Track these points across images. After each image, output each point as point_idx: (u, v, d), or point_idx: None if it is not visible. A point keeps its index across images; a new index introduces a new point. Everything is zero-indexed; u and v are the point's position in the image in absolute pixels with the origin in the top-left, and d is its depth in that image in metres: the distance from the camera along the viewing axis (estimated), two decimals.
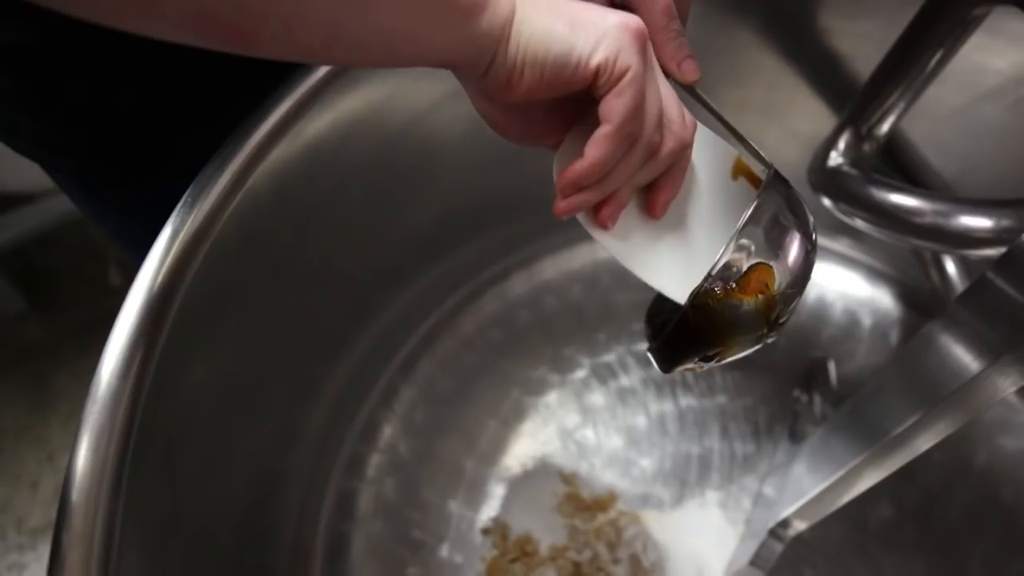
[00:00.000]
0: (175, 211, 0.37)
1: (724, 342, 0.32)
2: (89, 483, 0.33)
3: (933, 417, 0.35)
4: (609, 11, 0.28)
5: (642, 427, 0.62)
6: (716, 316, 0.31)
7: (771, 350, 0.66)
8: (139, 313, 0.35)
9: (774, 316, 0.32)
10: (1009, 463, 0.62)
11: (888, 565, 0.57)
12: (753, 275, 0.31)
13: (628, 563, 0.54)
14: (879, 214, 0.45)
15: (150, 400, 0.35)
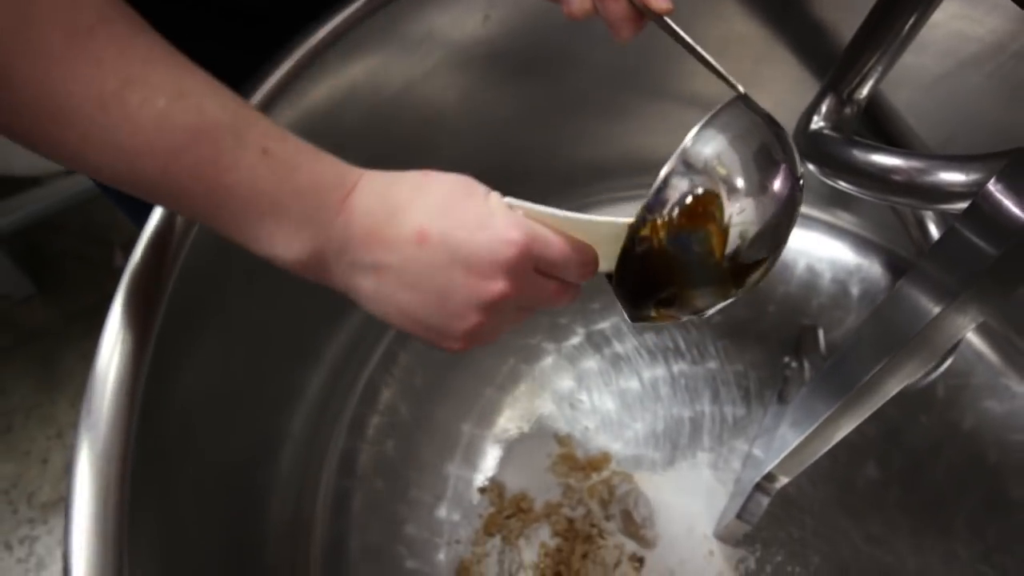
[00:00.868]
0: None
1: (675, 281, 0.30)
2: (97, 454, 0.33)
3: (899, 360, 0.37)
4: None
5: (635, 392, 0.64)
6: (660, 250, 0.29)
7: (761, 318, 0.69)
8: (137, 283, 0.37)
9: (732, 255, 0.29)
10: (995, 425, 0.64)
11: (874, 524, 0.59)
12: (699, 204, 0.29)
13: (620, 519, 0.56)
14: (859, 174, 0.46)
15: (152, 371, 0.36)
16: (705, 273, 0.30)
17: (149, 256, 0.37)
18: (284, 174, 0.28)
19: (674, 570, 0.55)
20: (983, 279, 0.31)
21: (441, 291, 0.29)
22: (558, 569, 0.53)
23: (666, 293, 0.31)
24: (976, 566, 0.57)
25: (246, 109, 0.28)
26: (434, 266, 0.28)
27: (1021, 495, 0.60)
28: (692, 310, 0.33)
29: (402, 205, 0.29)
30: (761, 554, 0.57)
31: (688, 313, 0.33)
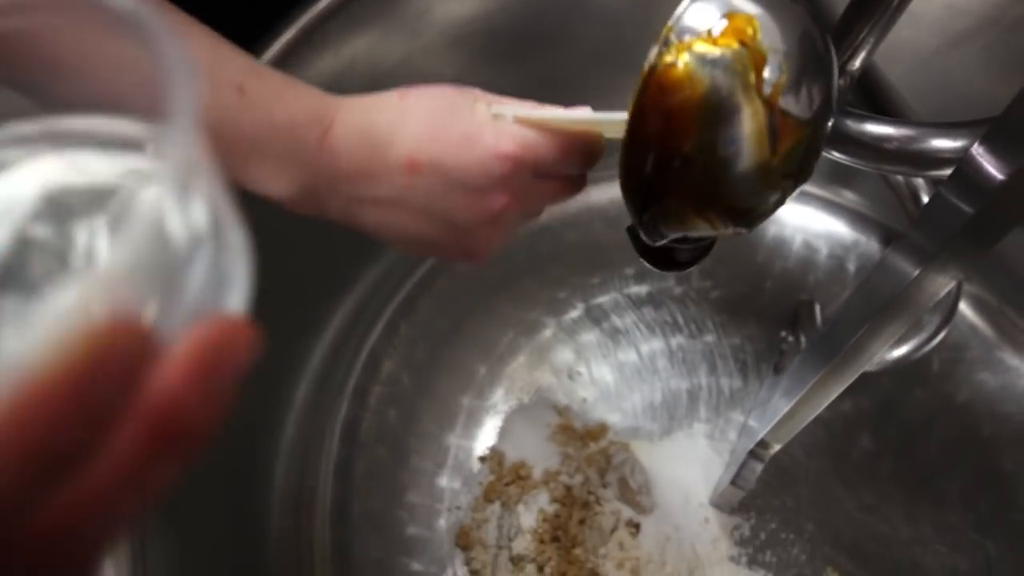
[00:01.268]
0: None
1: (697, 119, 0.25)
2: None
3: (882, 322, 0.38)
4: None
5: (634, 365, 0.65)
6: (679, 79, 0.24)
7: (759, 294, 0.69)
8: None
9: (771, 94, 0.25)
10: (989, 398, 0.64)
11: (868, 494, 0.60)
12: (731, 25, 0.25)
13: (617, 486, 0.57)
14: (852, 143, 0.47)
15: None
16: (733, 109, 0.25)
17: None
18: (260, 113, 0.28)
19: (670, 536, 0.56)
20: (959, 238, 0.32)
21: (445, 215, 0.29)
22: (556, 534, 0.54)
23: (686, 146, 0.25)
24: (968, 534, 0.58)
25: (223, 46, 0.28)
26: (432, 193, 0.28)
27: (1014, 467, 0.61)
28: (720, 200, 0.27)
29: (384, 137, 0.28)
30: (756, 521, 0.58)
31: (715, 214, 0.28)
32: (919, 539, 0.58)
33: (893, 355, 0.59)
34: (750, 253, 0.71)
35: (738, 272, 0.70)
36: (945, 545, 0.58)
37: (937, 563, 0.57)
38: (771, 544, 0.57)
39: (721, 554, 0.56)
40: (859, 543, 0.57)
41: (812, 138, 0.27)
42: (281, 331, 0.54)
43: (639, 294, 0.68)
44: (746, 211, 0.29)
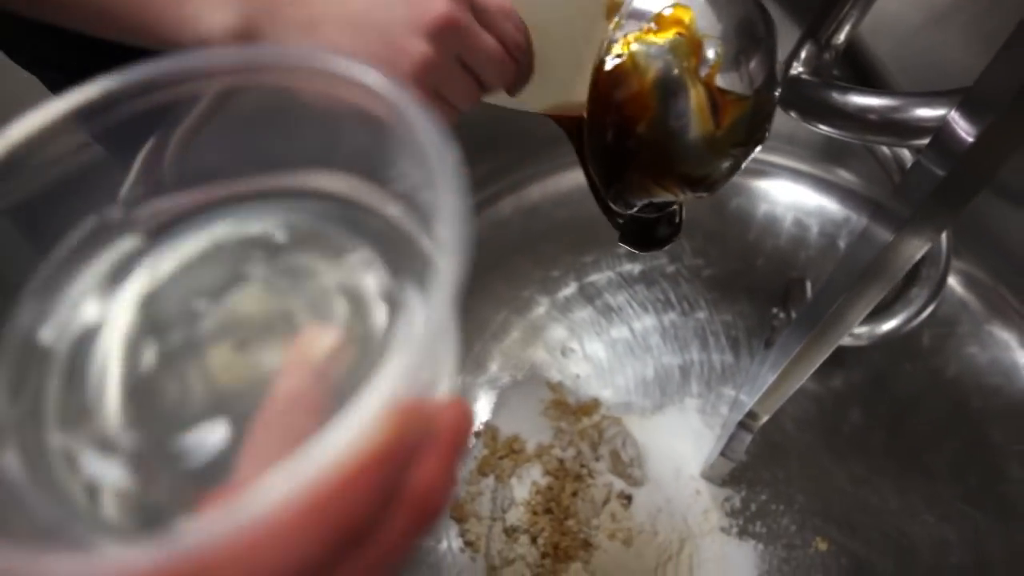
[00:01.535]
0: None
1: (646, 103, 0.28)
2: None
3: (860, 288, 0.38)
4: None
5: (626, 341, 0.66)
6: (627, 68, 0.28)
7: (751, 272, 0.70)
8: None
9: (707, 75, 0.28)
10: (978, 372, 0.65)
11: (858, 466, 0.60)
12: (669, 16, 0.28)
13: (608, 459, 0.58)
14: (836, 115, 0.47)
15: None
16: (679, 99, 0.28)
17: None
18: None
19: (661, 508, 0.57)
20: (931, 201, 0.32)
21: (382, 27, 0.27)
22: (548, 506, 0.55)
23: (641, 131, 0.29)
24: (957, 506, 0.59)
25: None
26: (371, 3, 0.28)
27: (1002, 439, 0.62)
28: (674, 170, 0.30)
29: None
30: (746, 493, 0.59)
31: (673, 182, 0.31)
32: (908, 510, 0.59)
33: (882, 329, 0.60)
34: (742, 231, 0.72)
35: (730, 250, 0.71)
36: (934, 516, 0.58)
37: (925, 533, 0.58)
38: (761, 515, 0.58)
39: (712, 525, 0.57)
40: (848, 514, 0.58)
41: (756, 111, 0.30)
42: None
43: (632, 272, 0.69)
44: (702, 178, 0.31)
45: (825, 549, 0.57)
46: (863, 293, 0.38)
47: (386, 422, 0.14)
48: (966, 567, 0.56)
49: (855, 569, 0.56)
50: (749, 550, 0.56)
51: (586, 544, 0.54)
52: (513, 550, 0.54)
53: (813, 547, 0.57)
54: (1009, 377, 0.64)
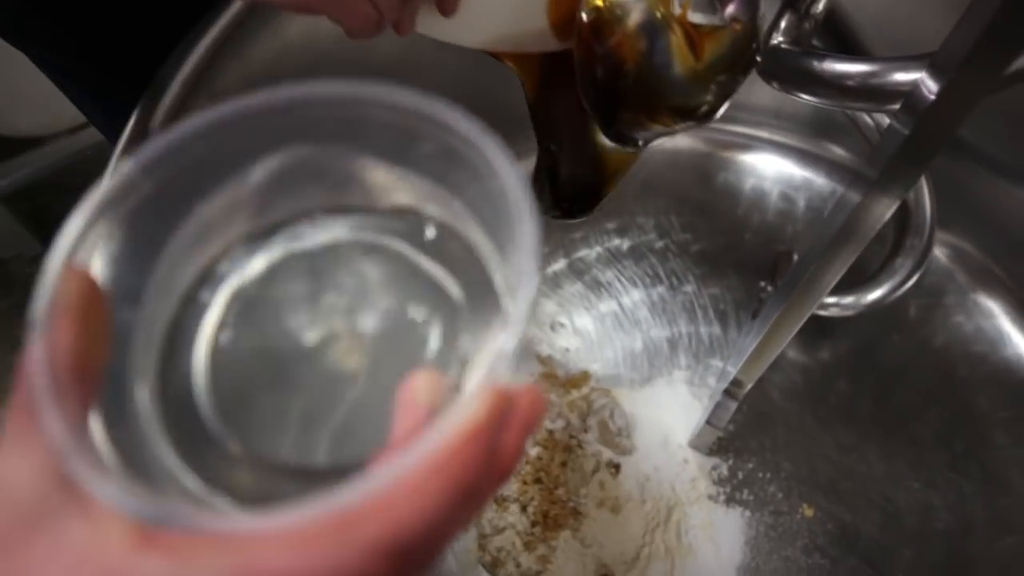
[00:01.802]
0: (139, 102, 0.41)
1: (628, 49, 0.29)
2: None
3: (832, 251, 0.39)
4: None
5: (615, 315, 0.66)
6: (606, 19, 0.29)
7: (738, 247, 0.71)
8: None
9: (680, 14, 0.29)
10: (965, 341, 0.66)
11: (845, 435, 0.61)
12: None
13: (597, 429, 0.59)
14: (815, 83, 0.48)
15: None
16: (656, 39, 0.29)
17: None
18: None
19: (649, 476, 0.58)
20: (896, 159, 0.33)
21: None
22: (538, 476, 0.56)
23: (627, 71, 0.30)
24: (943, 472, 0.60)
25: None
26: None
27: (988, 406, 0.63)
28: (664, 105, 0.31)
29: None
30: (734, 462, 0.59)
31: (666, 115, 0.32)
32: (894, 477, 0.59)
33: (868, 299, 0.60)
34: (730, 206, 0.72)
35: (718, 225, 0.71)
36: (919, 482, 0.59)
37: (911, 499, 0.59)
38: (748, 483, 0.59)
39: (699, 493, 0.57)
40: (834, 481, 0.59)
41: (734, 40, 0.30)
42: None
43: (620, 248, 0.70)
44: (693, 108, 0.32)
45: (811, 515, 0.57)
46: (836, 256, 0.39)
47: (488, 400, 0.17)
48: (950, 531, 0.57)
49: (840, 534, 0.57)
50: (736, 517, 0.57)
51: (575, 512, 0.55)
52: (503, 519, 0.55)
53: (799, 513, 0.57)
54: (995, 346, 0.65)
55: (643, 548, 0.55)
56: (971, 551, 0.56)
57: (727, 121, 0.74)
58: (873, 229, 0.37)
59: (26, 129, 1.07)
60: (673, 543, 0.55)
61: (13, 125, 1.06)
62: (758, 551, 0.56)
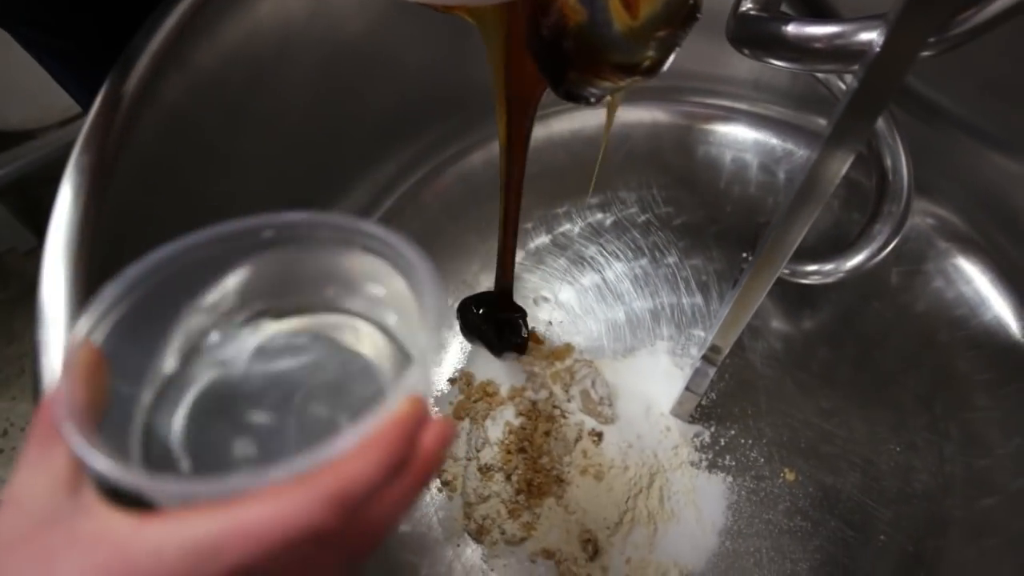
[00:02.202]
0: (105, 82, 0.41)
1: (568, 12, 0.30)
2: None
3: (794, 208, 0.40)
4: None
5: (598, 288, 0.67)
6: None
7: (720, 219, 0.71)
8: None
9: None
10: (946, 306, 0.66)
11: (825, 400, 0.62)
12: None
13: (579, 398, 0.59)
14: (783, 47, 0.48)
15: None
16: (592, 2, 0.30)
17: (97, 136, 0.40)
18: None
19: (632, 444, 0.58)
20: (847, 113, 0.34)
21: None
22: (522, 445, 0.57)
23: (569, 32, 0.31)
24: (923, 435, 0.60)
25: None
26: None
27: (968, 368, 0.63)
28: (608, 62, 0.33)
29: None
30: (716, 429, 0.60)
31: (611, 73, 0.33)
32: (875, 440, 0.60)
33: (847, 265, 0.61)
34: (712, 179, 0.73)
35: (700, 198, 0.72)
36: (900, 445, 0.60)
37: (891, 462, 0.59)
38: (730, 449, 0.59)
39: (681, 459, 0.58)
40: (815, 446, 0.60)
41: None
42: None
43: (603, 222, 0.70)
44: (636, 64, 0.33)
45: (793, 479, 0.58)
46: (798, 213, 0.40)
47: (405, 402, 0.23)
48: (930, 492, 0.58)
49: (822, 497, 0.58)
50: (718, 482, 0.58)
51: (559, 480, 0.56)
52: (488, 487, 0.56)
53: (781, 478, 0.58)
54: (975, 310, 0.66)
55: (626, 513, 0.55)
56: (950, 512, 0.57)
57: (707, 94, 0.74)
58: (831, 184, 0.37)
59: (17, 123, 1.08)
60: (655, 508, 0.56)
61: (4, 119, 1.07)
62: (740, 515, 0.57)
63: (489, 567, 0.54)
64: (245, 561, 0.19)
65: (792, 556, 0.55)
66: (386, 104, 0.63)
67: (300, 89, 0.54)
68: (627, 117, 0.74)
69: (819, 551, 0.56)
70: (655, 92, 0.74)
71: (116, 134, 0.40)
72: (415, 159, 0.69)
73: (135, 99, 0.40)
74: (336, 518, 0.21)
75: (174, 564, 0.19)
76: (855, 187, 0.71)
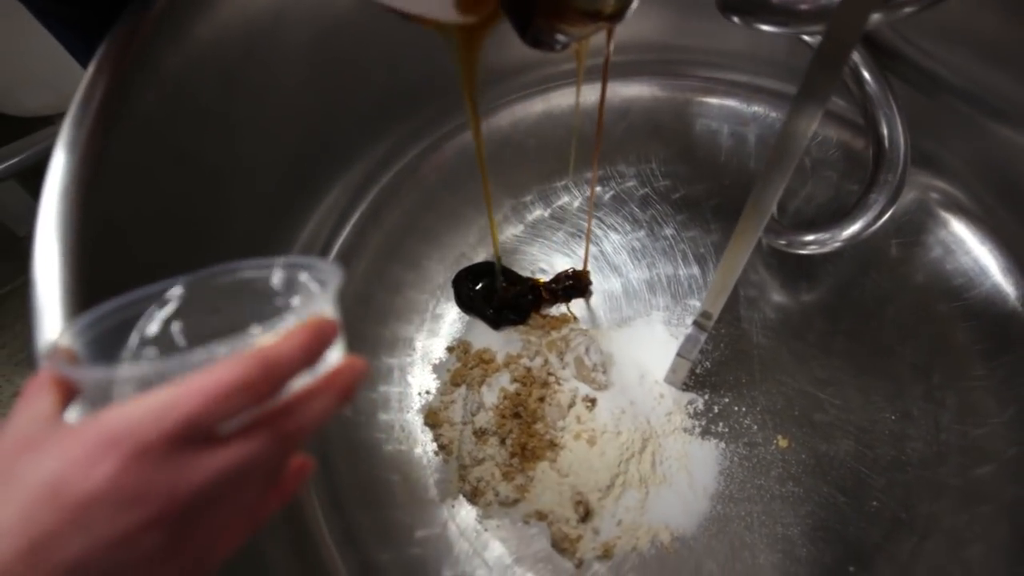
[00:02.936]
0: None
1: None
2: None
3: (768, 169, 0.40)
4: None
5: (595, 259, 0.68)
6: None
7: (718, 192, 0.71)
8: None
9: None
10: (944, 277, 0.66)
11: (820, 370, 0.62)
12: None
13: (574, 365, 0.60)
14: (770, 12, 0.49)
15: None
16: None
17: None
18: None
19: (625, 409, 0.59)
20: (812, 70, 0.34)
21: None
22: (516, 410, 0.58)
23: None
24: (919, 403, 0.60)
25: None
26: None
27: (966, 338, 0.63)
28: (570, 10, 0.34)
29: None
30: (709, 397, 0.61)
31: (575, 20, 0.34)
32: (870, 409, 0.60)
33: (844, 234, 0.61)
34: (711, 152, 0.73)
35: (698, 172, 0.72)
36: (896, 414, 0.60)
37: (886, 431, 0.59)
38: (723, 416, 0.60)
39: (675, 425, 0.59)
40: (808, 414, 0.60)
41: None
42: (243, 231, 0.58)
43: (601, 196, 0.71)
44: (599, 11, 0.33)
45: (786, 446, 0.59)
46: (771, 173, 0.40)
47: (308, 319, 0.26)
48: (925, 460, 0.58)
49: (815, 464, 0.58)
50: (711, 448, 0.58)
51: (552, 444, 0.57)
52: (483, 451, 0.57)
53: (774, 444, 0.59)
54: (973, 280, 0.65)
55: (617, 477, 0.56)
56: (945, 480, 0.57)
57: (705, 68, 0.75)
58: (802, 140, 0.38)
59: (35, 108, 1.10)
60: (647, 472, 0.57)
61: (23, 104, 1.10)
62: (732, 480, 0.57)
63: (483, 528, 0.55)
64: (196, 410, 0.22)
65: (783, 520, 0.56)
66: (383, 80, 0.64)
67: (295, 63, 0.55)
68: (626, 92, 0.75)
69: (811, 516, 0.56)
70: (654, 67, 0.75)
71: (109, 101, 0.41)
72: (413, 134, 0.70)
73: (130, 66, 0.42)
74: (261, 372, 0.24)
75: (141, 418, 0.22)
76: (854, 159, 0.71)
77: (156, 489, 0.22)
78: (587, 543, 0.54)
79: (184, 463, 0.22)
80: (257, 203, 0.59)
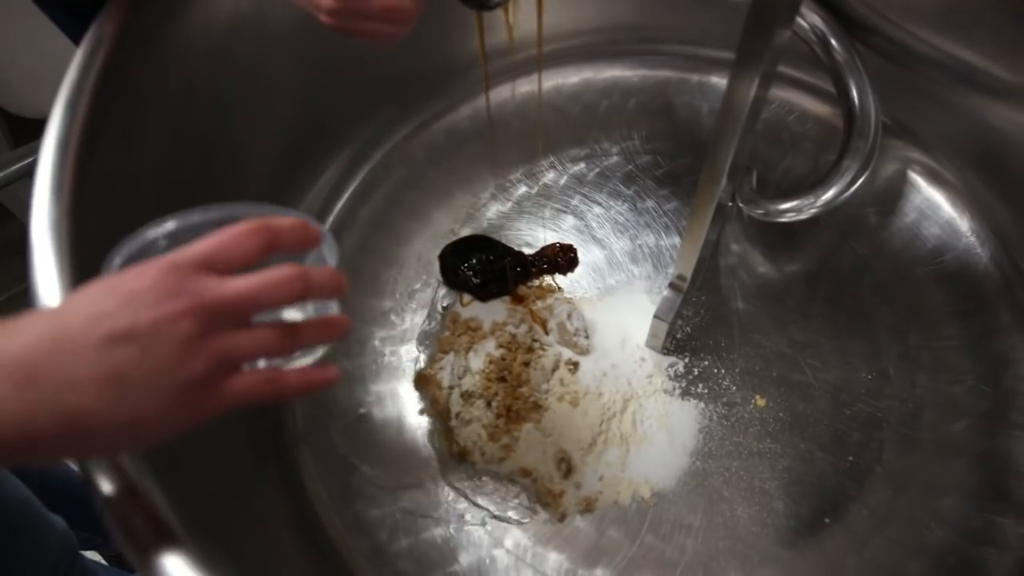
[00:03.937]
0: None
1: None
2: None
3: (718, 134, 0.42)
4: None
5: (579, 231, 0.70)
6: None
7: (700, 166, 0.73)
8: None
9: None
10: (921, 242, 0.68)
11: (799, 332, 0.64)
12: None
13: (557, 331, 0.63)
14: None
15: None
16: None
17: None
18: None
19: (607, 372, 0.61)
20: (745, 36, 0.36)
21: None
22: (502, 374, 0.60)
23: None
24: (895, 363, 0.62)
25: None
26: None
27: (942, 300, 0.65)
28: None
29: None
30: (689, 360, 0.63)
31: None
32: (846, 369, 0.62)
33: (820, 200, 0.63)
34: (693, 128, 0.75)
35: (680, 148, 0.74)
36: (873, 373, 0.62)
37: (863, 389, 0.61)
38: (703, 378, 0.62)
39: (655, 387, 0.61)
40: (786, 374, 0.62)
41: None
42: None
43: (584, 172, 0.73)
44: None
45: (764, 405, 0.61)
46: (721, 137, 0.42)
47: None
48: (900, 416, 0.60)
49: (792, 422, 0.60)
50: (690, 408, 0.60)
51: (536, 406, 0.59)
52: (470, 412, 0.59)
53: (752, 404, 0.61)
54: (947, 243, 0.67)
55: (599, 435, 0.58)
56: (919, 435, 0.59)
57: (685, 45, 0.77)
58: (745, 103, 0.40)
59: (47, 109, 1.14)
60: (628, 431, 0.59)
61: (35, 106, 1.14)
62: (711, 438, 0.59)
63: (470, 485, 0.58)
64: (215, 246, 0.31)
65: (761, 475, 0.58)
66: (372, 62, 0.67)
67: (282, 44, 0.58)
68: (609, 71, 0.77)
69: (788, 471, 0.58)
70: (634, 47, 0.77)
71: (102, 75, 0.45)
72: (403, 114, 0.73)
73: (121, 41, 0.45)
74: (264, 230, 0.31)
75: (175, 253, 0.30)
76: (832, 132, 0.72)
77: (188, 289, 0.29)
78: (569, 498, 0.56)
79: (209, 279, 0.30)
80: (252, 181, 0.62)
